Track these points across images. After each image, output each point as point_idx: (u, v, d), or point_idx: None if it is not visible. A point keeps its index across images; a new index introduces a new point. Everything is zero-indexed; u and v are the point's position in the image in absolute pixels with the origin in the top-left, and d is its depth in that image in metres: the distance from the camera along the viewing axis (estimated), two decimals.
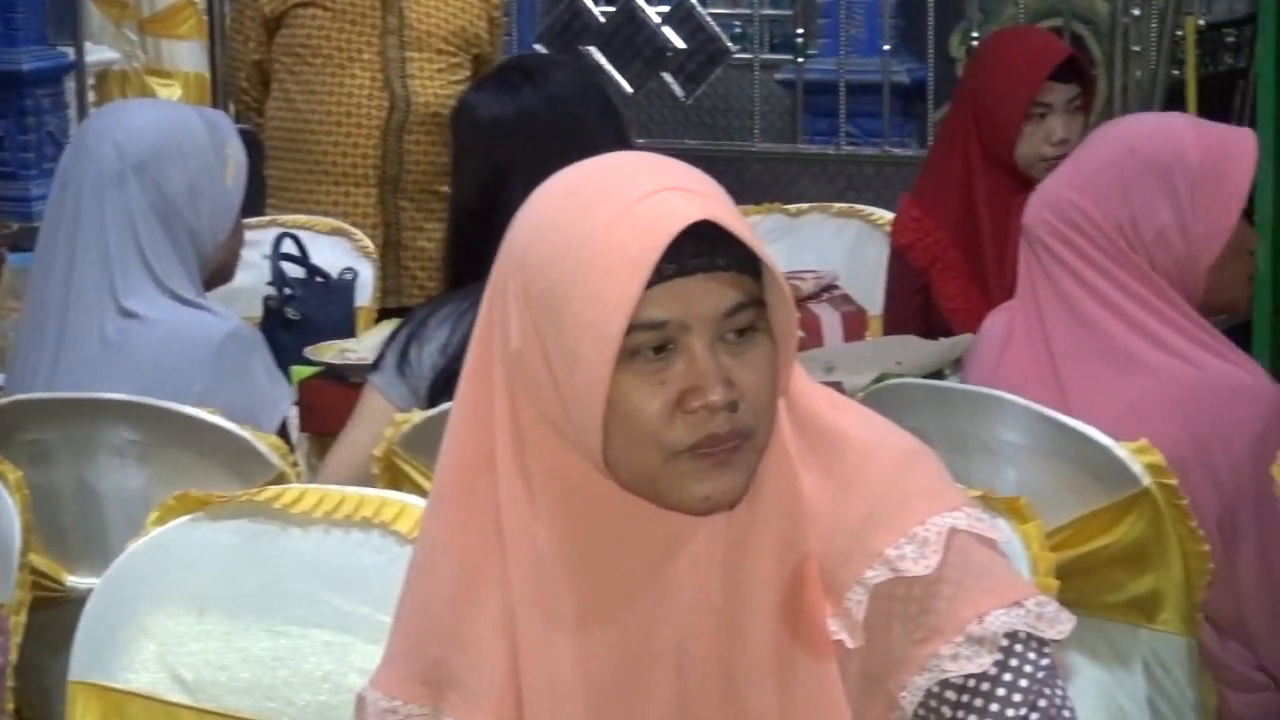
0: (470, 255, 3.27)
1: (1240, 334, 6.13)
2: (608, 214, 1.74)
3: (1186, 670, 2.98)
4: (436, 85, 5.16)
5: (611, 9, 7.67)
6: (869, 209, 4.66)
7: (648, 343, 1.74)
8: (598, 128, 3.30)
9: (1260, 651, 3.04)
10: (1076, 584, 2.84)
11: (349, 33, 5.14)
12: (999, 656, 1.86)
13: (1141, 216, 3.08)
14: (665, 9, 7.64)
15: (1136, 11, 7.11)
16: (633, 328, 1.72)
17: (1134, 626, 2.99)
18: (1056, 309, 3.11)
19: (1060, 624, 1.90)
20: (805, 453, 1.89)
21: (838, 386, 3.33)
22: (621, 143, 3.23)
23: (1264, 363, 6.74)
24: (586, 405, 1.73)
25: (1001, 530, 2.32)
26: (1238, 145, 3.18)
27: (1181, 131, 3.18)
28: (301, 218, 4.82)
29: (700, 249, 1.74)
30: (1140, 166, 3.10)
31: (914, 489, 1.91)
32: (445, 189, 4.36)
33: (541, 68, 3.52)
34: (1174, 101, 6.91)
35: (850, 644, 1.86)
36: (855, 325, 4.07)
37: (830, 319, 4.02)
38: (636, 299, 1.71)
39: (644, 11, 7.63)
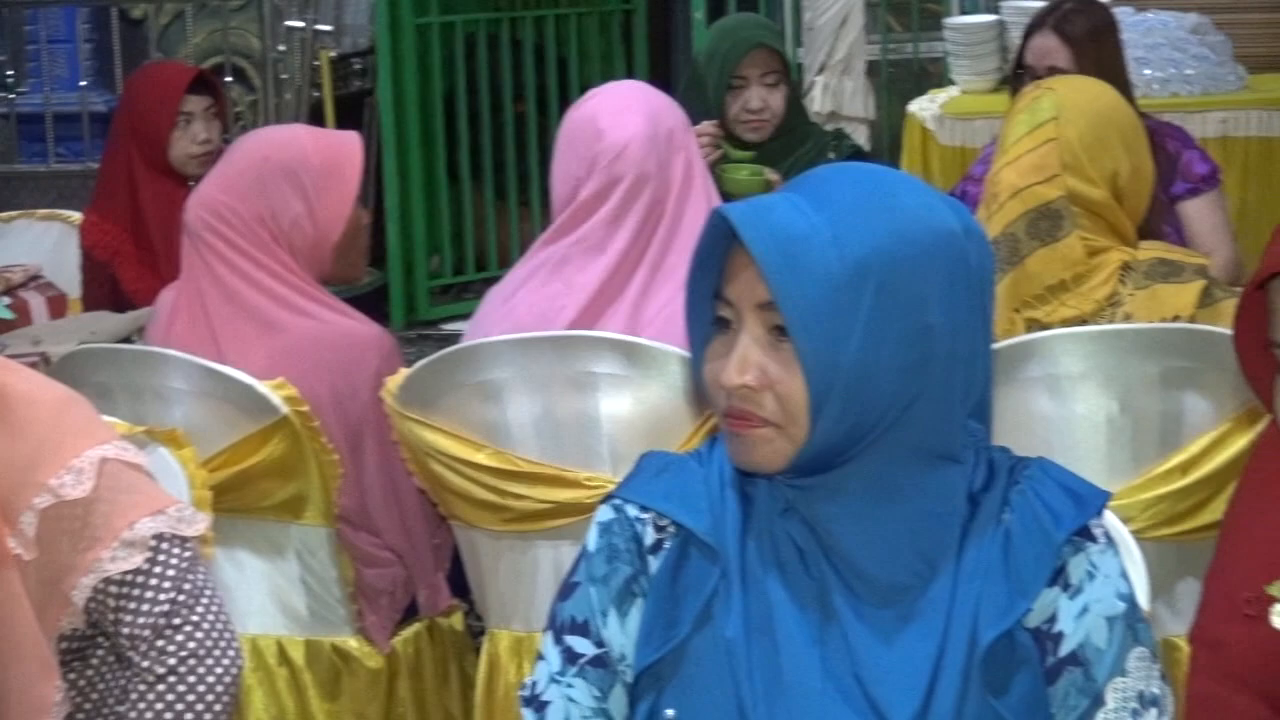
0: None
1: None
2: None
3: (329, 553, 3.05)
4: None
5: None
6: (68, 213, 4.60)
7: None
8: None
9: (384, 536, 3.15)
10: (237, 495, 2.96)
11: None
12: (149, 554, 1.96)
13: (278, 210, 3.10)
14: None
15: (283, 47, 7.22)
16: None
17: (286, 524, 3.04)
18: (212, 286, 3.10)
19: (196, 524, 2.01)
20: None
21: (45, 356, 3.34)
22: None
23: (399, 316, 7.01)
24: None
25: (161, 457, 2.41)
26: (349, 148, 3.20)
27: (304, 139, 3.20)
28: None
29: None
30: (274, 169, 3.11)
31: (69, 429, 1.96)
32: None
33: None
34: (316, 117, 7.05)
35: (26, 557, 1.91)
36: (58, 306, 4.06)
37: (37, 303, 4.01)
38: None
39: None
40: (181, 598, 1.95)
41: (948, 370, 1.70)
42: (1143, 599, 1.90)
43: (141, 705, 1.93)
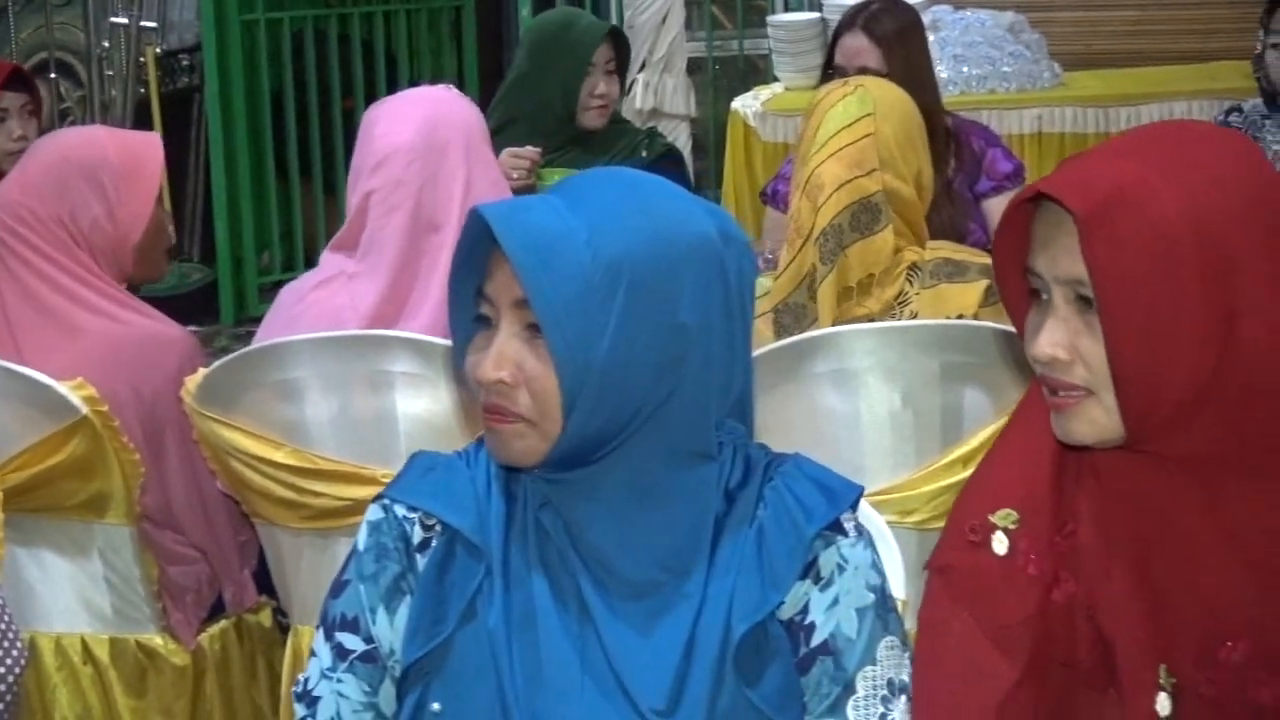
0: None
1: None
2: None
3: (132, 552, 3.04)
4: None
5: None
6: None
7: None
8: None
9: (188, 535, 3.15)
10: (39, 495, 2.95)
11: None
12: None
13: (78, 211, 3.08)
14: None
15: (107, 43, 7.16)
16: None
17: (89, 523, 3.02)
18: (11, 288, 3.08)
19: None
20: None
21: None
22: None
23: (229, 313, 6.98)
24: None
25: None
26: (149, 149, 3.18)
27: (103, 140, 3.18)
28: None
29: None
30: (73, 170, 3.09)
31: None
32: None
33: None
34: (143, 114, 7.00)
35: None
36: None
37: None
38: None
39: None
40: None
41: (702, 370, 1.75)
42: (898, 589, 1.96)
43: None
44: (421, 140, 3.00)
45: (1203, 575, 1.66)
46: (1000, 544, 1.72)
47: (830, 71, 4.09)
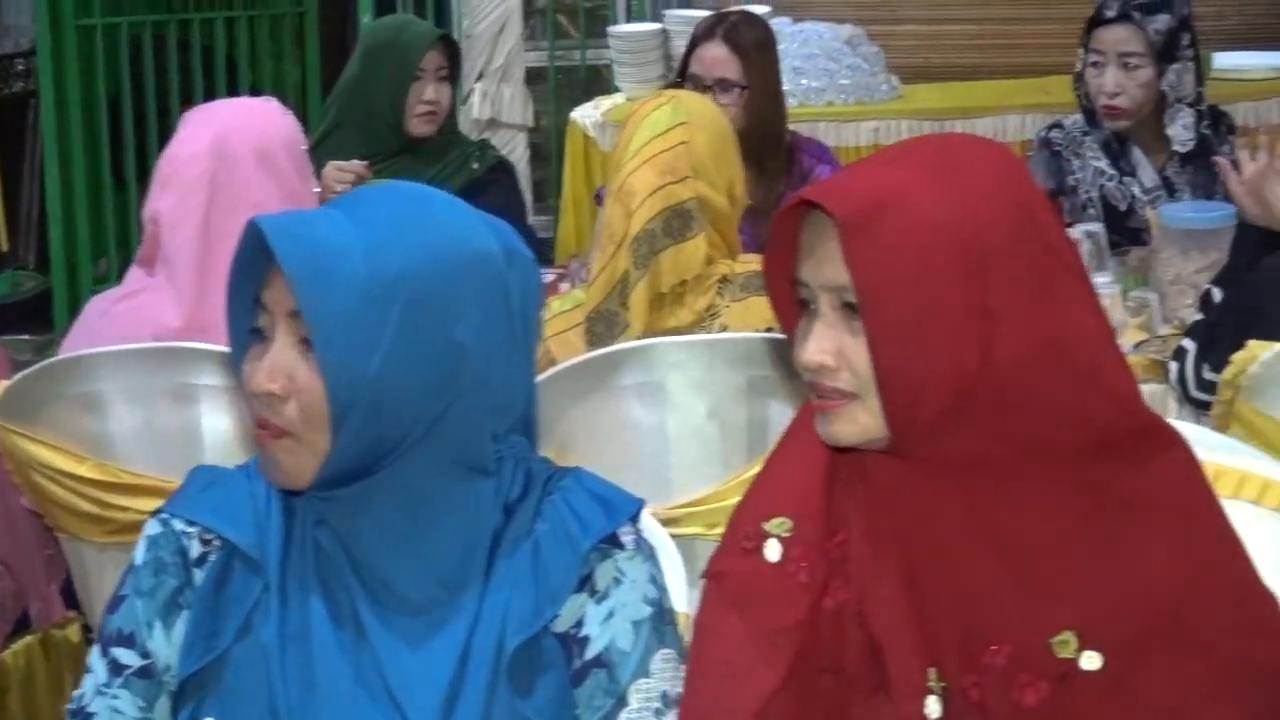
0: None
1: None
2: None
3: None
4: None
5: None
6: None
7: None
8: None
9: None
10: None
11: None
12: None
13: None
14: None
15: None
16: None
17: None
18: None
19: None
20: None
21: None
22: None
23: (63, 320, 6.89)
24: None
25: None
26: None
27: None
28: None
29: None
30: None
31: None
32: None
33: None
34: None
35: None
36: None
37: None
38: None
39: None
40: None
41: (479, 387, 1.77)
42: (680, 602, 1.98)
43: None
44: (215, 150, 2.99)
45: (965, 578, 1.69)
46: (773, 551, 1.75)
47: (681, 81, 4.11)
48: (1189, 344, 3.18)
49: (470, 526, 1.79)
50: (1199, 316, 3.23)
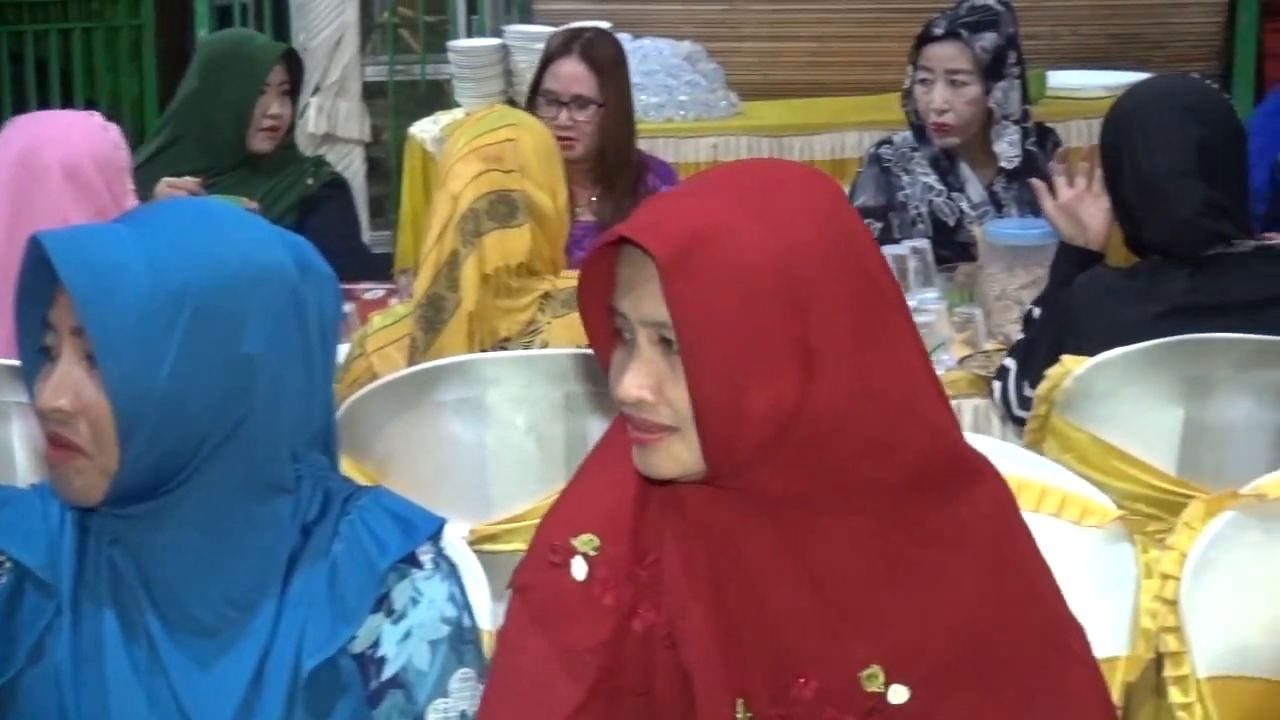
0: None
1: None
2: None
3: None
4: None
5: None
6: None
7: None
8: None
9: None
10: None
11: None
12: None
13: None
14: None
15: None
16: None
17: None
18: None
19: None
20: None
21: None
22: None
23: None
24: None
25: None
26: None
27: None
28: None
29: None
30: None
31: None
32: None
33: None
34: None
35: None
36: None
37: None
38: None
39: None
40: None
41: (272, 402, 1.75)
42: (484, 620, 1.98)
43: None
44: (21, 160, 2.96)
45: (775, 610, 1.70)
46: (579, 569, 1.74)
47: (536, 98, 4.10)
48: (1010, 363, 3.24)
49: (266, 546, 1.78)
50: (1022, 335, 3.29)
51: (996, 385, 3.26)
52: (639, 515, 1.75)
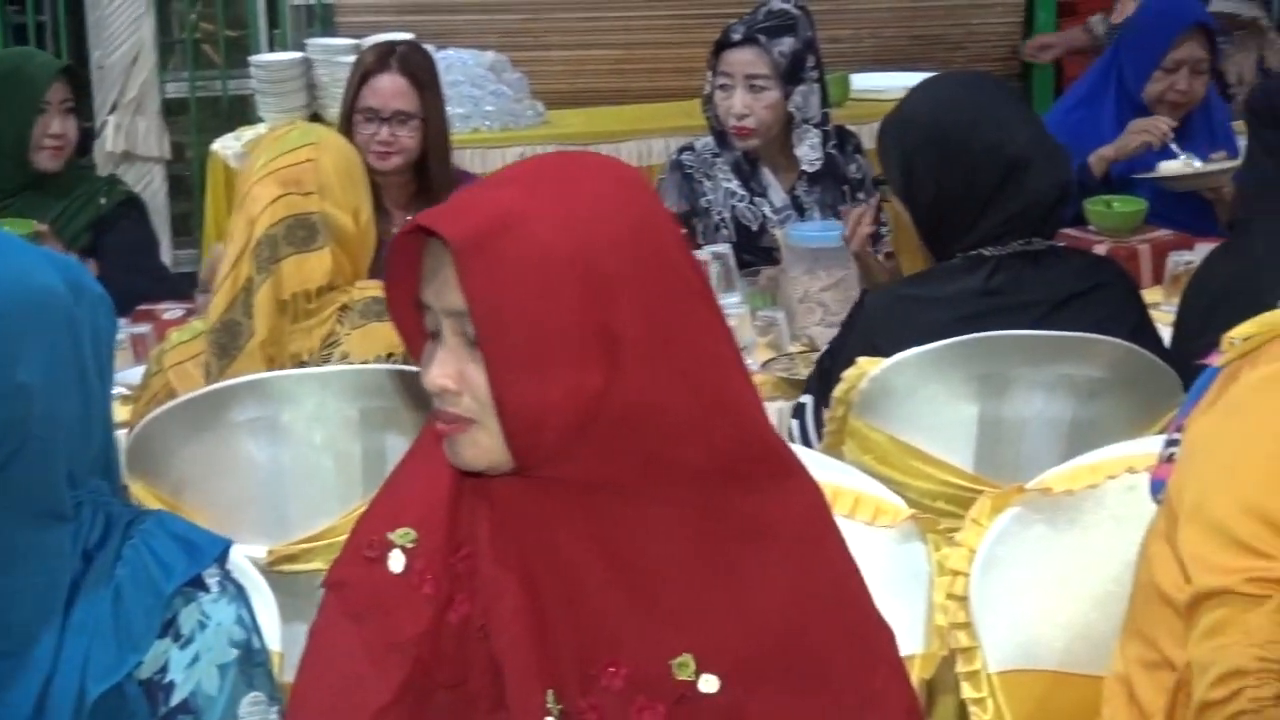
0: None
1: None
2: None
3: None
4: None
5: None
6: None
7: None
8: None
9: None
10: None
11: None
12: None
13: None
14: None
15: None
16: None
17: None
18: None
19: None
20: None
21: None
22: None
23: None
24: None
25: None
26: None
27: None
28: None
29: None
30: None
31: None
32: None
33: None
34: None
35: None
36: None
37: None
38: None
39: None
40: None
41: (49, 430, 1.73)
42: (274, 642, 1.97)
43: None
44: None
45: (585, 599, 1.70)
46: (397, 562, 1.74)
47: (354, 114, 4.06)
48: (807, 398, 3.20)
49: (46, 575, 1.75)
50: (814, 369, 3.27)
51: (794, 425, 3.18)
52: (454, 508, 1.75)
